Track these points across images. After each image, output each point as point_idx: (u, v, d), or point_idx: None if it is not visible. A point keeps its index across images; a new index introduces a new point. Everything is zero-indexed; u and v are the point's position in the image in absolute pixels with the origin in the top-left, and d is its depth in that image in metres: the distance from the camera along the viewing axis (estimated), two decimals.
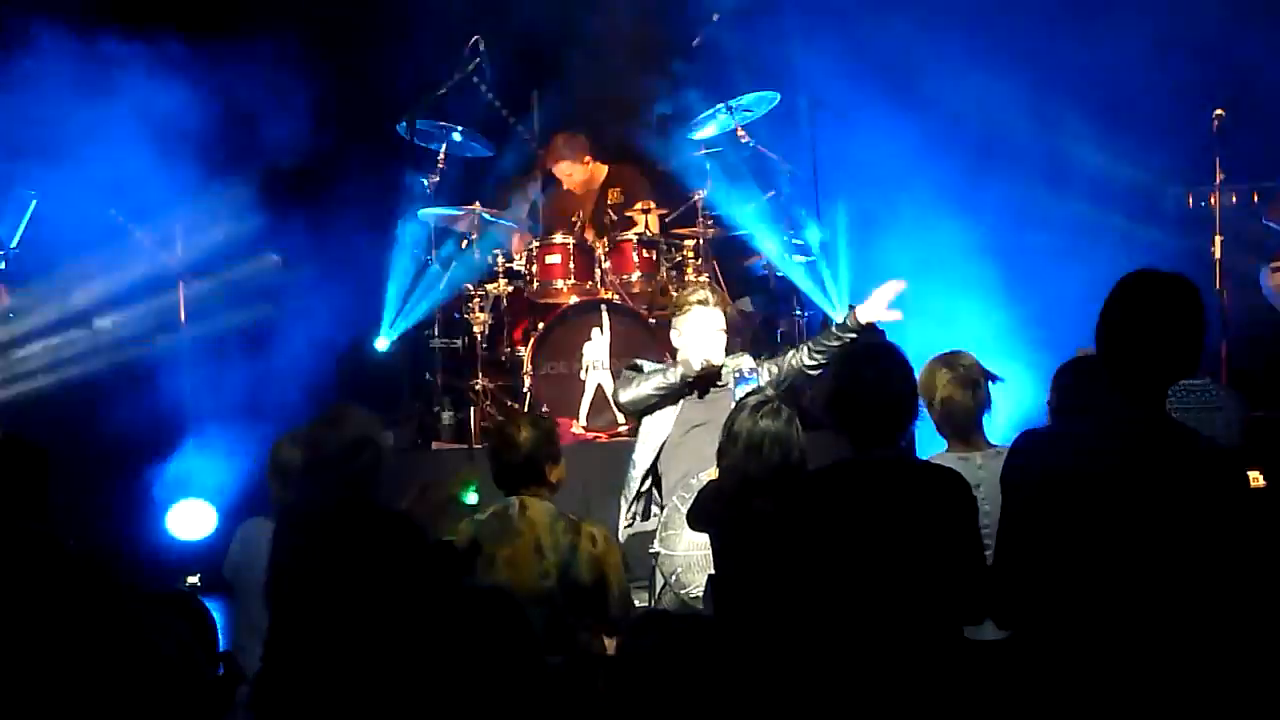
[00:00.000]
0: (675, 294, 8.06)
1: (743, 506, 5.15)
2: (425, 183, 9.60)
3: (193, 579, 8.66)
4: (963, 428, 5.44)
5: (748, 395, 5.54)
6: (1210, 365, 8.67)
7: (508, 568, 5.40)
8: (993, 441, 5.47)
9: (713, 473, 5.58)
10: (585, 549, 5.50)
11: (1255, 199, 9.33)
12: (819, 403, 4.87)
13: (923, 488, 4.46)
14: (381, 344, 9.50)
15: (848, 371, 4.66)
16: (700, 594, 6.27)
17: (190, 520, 8.90)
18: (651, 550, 7.37)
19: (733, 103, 9.75)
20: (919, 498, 4.42)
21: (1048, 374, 5.26)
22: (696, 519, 5.60)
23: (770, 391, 5.66)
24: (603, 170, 10.22)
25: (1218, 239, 9.23)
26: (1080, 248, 9.46)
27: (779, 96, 9.82)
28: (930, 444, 5.63)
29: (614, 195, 9.92)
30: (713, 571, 5.58)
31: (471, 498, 5.74)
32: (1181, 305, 3.78)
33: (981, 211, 9.83)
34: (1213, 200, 9.35)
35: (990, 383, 5.46)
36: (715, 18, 10.08)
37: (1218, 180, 9.30)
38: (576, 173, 10.17)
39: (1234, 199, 9.31)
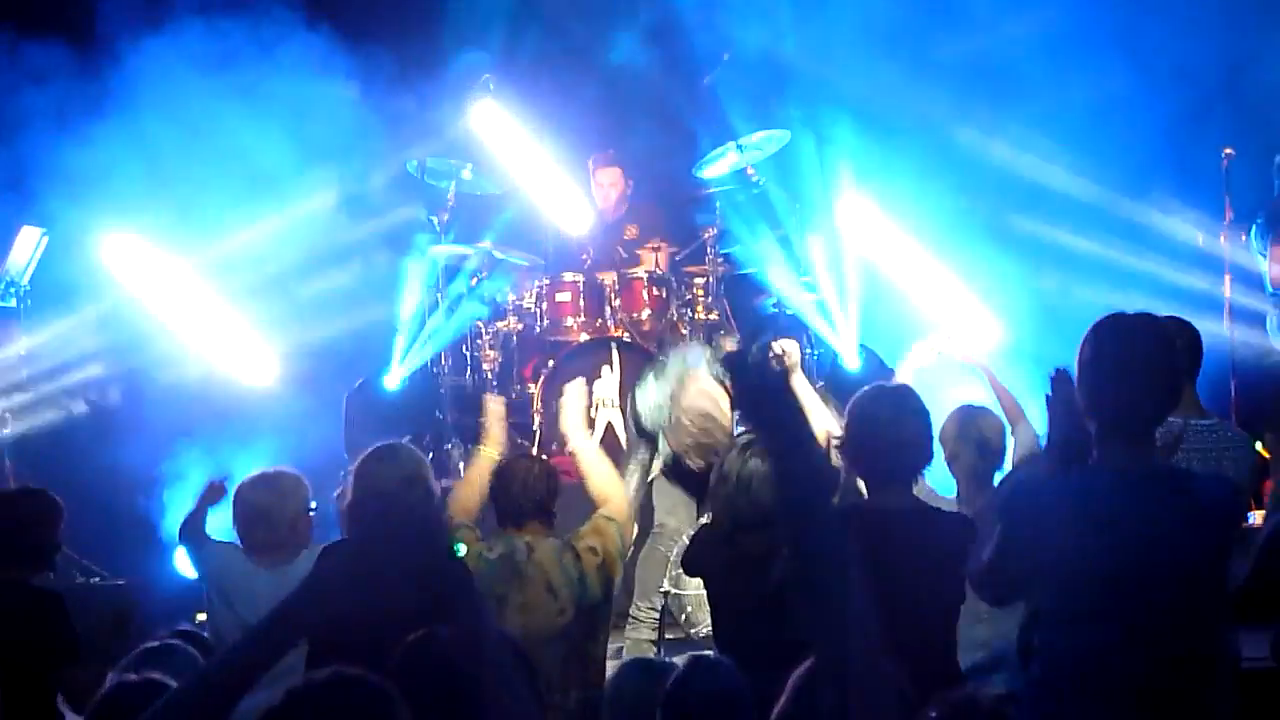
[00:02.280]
0: None
1: (734, 548, 5.13)
2: (435, 220, 9.61)
3: (202, 616, 8.63)
4: (973, 481, 5.48)
5: (740, 435, 5.55)
6: (1220, 405, 8.68)
7: (521, 613, 5.39)
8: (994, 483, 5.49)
9: None
10: (591, 565, 5.50)
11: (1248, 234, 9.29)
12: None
13: (932, 534, 4.46)
14: (392, 381, 9.50)
15: (861, 414, 4.66)
16: (709, 632, 6.26)
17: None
18: (661, 589, 7.38)
19: (742, 140, 9.79)
20: (928, 544, 4.42)
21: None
22: (689, 563, 5.60)
23: None
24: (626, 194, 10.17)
25: (1226, 278, 9.23)
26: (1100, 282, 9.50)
27: (789, 134, 9.85)
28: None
29: (631, 232, 9.91)
30: None
31: (461, 549, 5.73)
32: (1150, 345, 3.80)
33: (996, 246, 9.86)
34: (1222, 239, 9.36)
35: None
36: (725, 57, 10.10)
37: (1227, 219, 9.31)
38: (611, 193, 10.12)
39: (1244, 238, 9.30)
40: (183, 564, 8.87)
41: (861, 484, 4.83)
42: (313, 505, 5.82)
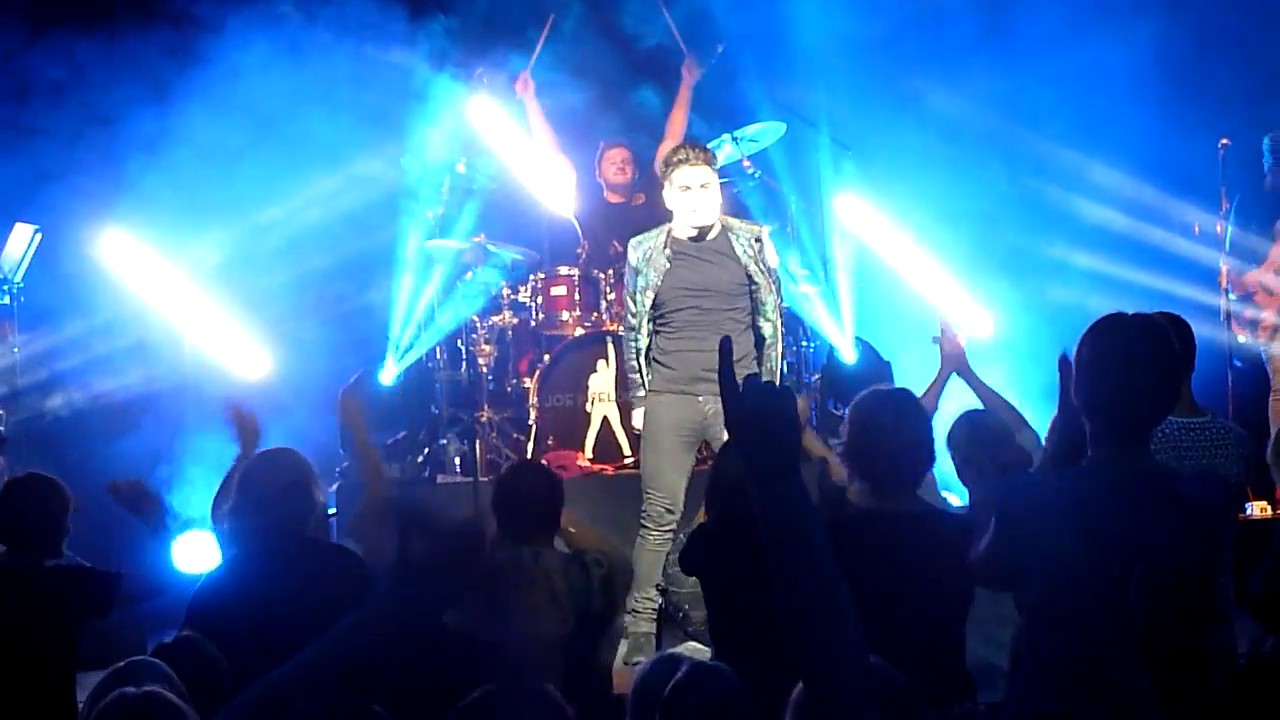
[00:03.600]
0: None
1: (730, 548, 5.12)
2: (429, 214, 9.60)
3: None
4: (982, 485, 5.47)
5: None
6: (1216, 399, 8.68)
7: (522, 618, 5.38)
8: None
9: None
10: (596, 577, 5.49)
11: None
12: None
13: (938, 537, 4.44)
14: (387, 376, 9.50)
15: (862, 418, 4.65)
16: (705, 629, 6.26)
17: (195, 553, 8.86)
18: (659, 585, 7.36)
19: (738, 133, 9.77)
20: (934, 547, 4.40)
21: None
22: (686, 562, 5.58)
23: None
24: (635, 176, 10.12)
25: (1223, 269, 9.22)
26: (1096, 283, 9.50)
27: (785, 126, 9.84)
28: None
29: (639, 199, 9.86)
30: None
31: None
32: (1150, 346, 3.79)
33: (992, 233, 9.86)
34: (1218, 228, 9.34)
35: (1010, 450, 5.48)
36: (719, 48, 10.08)
37: (1223, 208, 9.30)
38: (626, 169, 9.99)
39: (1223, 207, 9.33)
40: (182, 558, 8.90)
41: (851, 487, 4.82)
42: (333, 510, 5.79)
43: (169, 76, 9.41)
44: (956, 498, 6.22)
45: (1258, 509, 8.37)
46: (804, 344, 9.72)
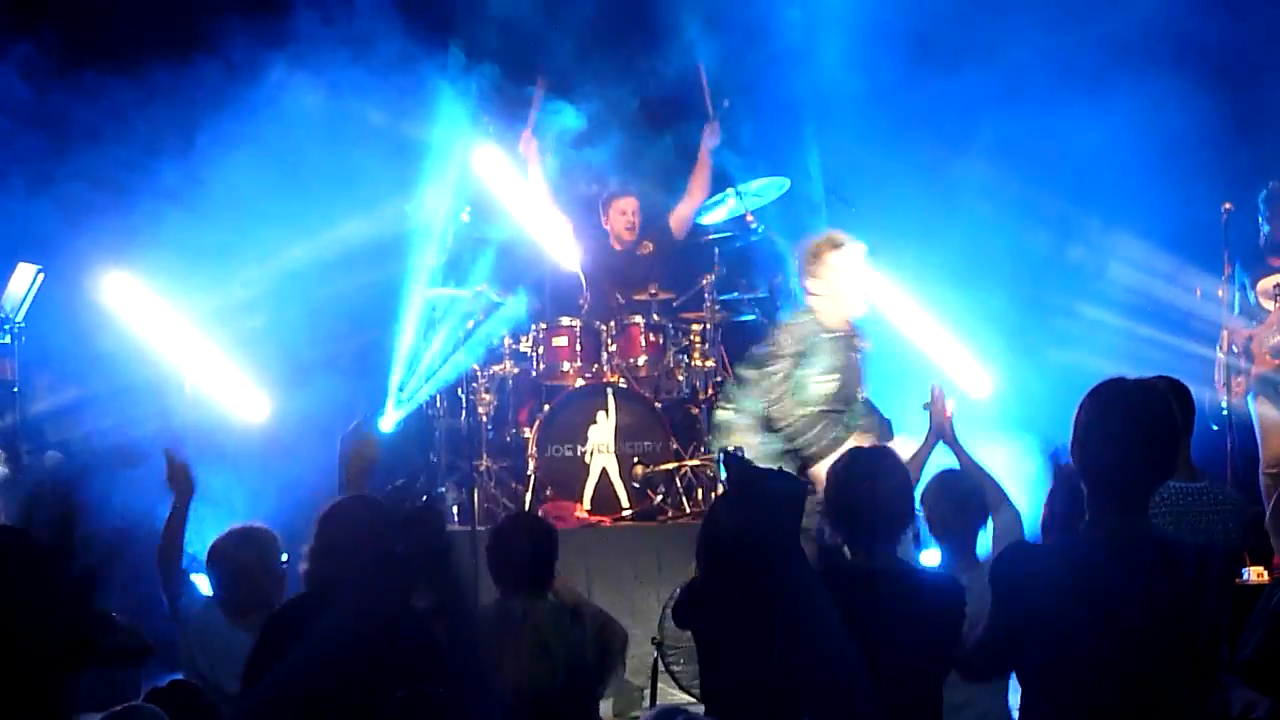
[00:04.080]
0: (805, 249, 7.80)
1: (722, 603, 5.10)
2: (433, 261, 9.61)
3: None
4: (954, 542, 5.47)
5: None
6: (1216, 464, 8.68)
7: (513, 668, 5.36)
8: (980, 556, 5.47)
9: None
10: (590, 632, 5.47)
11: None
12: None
13: (917, 595, 4.43)
14: (387, 424, 9.49)
15: (840, 475, 4.66)
16: (698, 682, 6.24)
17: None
18: (654, 639, 7.35)
19: (741, 187, 9.81)
20: (912, 605, 4.39)
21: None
22: (679, 615, 5.57)
23: None
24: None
25: (1224, 333, 9.22)
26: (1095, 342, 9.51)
27: (789, 182, 9.87)
28: None
29: (646, 247, 9.88)
30: None
31: None
32: (1149, 412, 3.79)
33: (994, 293, 9.88)
34: (1220, 292, 9.35)
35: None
36: (726, 104, 10.13)
37: (1226, 273, 9.31)
38: (634, 220, 10.03)
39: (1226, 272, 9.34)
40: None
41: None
42: (284, 558, 5.78)
43: (177, 121, 9.44)
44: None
45: (1254, 574, 8.34)
46: None
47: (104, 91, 9.26)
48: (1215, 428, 9.08)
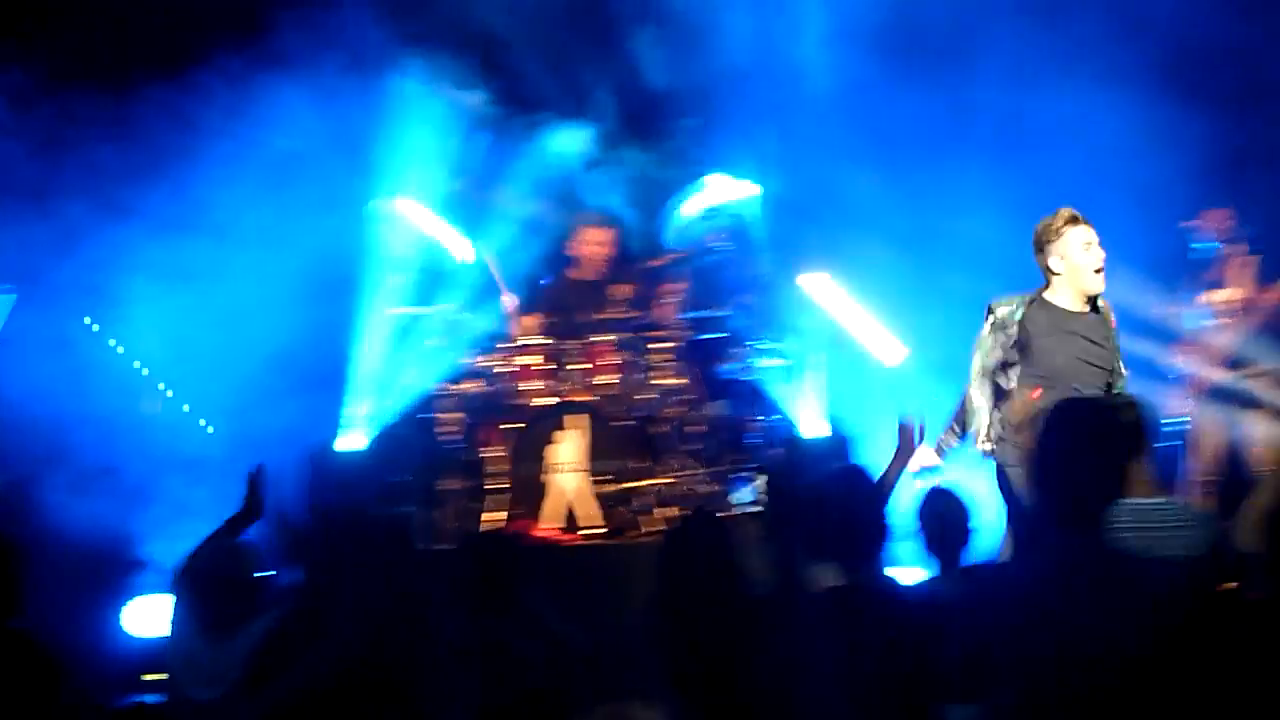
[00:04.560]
0: (1040, 227, 7.30)
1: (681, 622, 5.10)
2: (394, 281, 9.59)
3: (150, 677, 8.51)
4: (941, 560, 5.50)
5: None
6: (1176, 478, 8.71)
7: (477, 687, 5.34)
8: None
9: None
10: (555, 652, 5.45)
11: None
12: None
13: (895, 613, 4.43)
14: (351, 443, 9.46)
15: (814, 495, 4.66)
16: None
17: (146, 618, 8.77)
18: (620, 657, 7.31)
19: (709, 206, 9.81)
20: (891, 624, 4.39)
21: None
22: (642, 634, 5.56)
23: None
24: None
25: (1178, 346, 9.26)
26: None
27: (759, 201, 9.88)
28: None
29: (623, 291, 9.83)
30: None
31: None
32: (1103, 429, 3.80)
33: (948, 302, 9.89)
34: (1171, 310, 9.38)
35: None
36: (693, 122, 10.13)
37: (1178, 289, 9.33)
38: (600, 252, 9.99)
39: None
40: (132, 623, 8.81)
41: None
42: (271, 573, 5.78)
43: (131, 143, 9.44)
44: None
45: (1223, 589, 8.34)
46: (760, 419, 9.72)
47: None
48: (1175, 443, 9.11)
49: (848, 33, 9.84)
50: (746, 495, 8.23)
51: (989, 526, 5.76)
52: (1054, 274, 7.05)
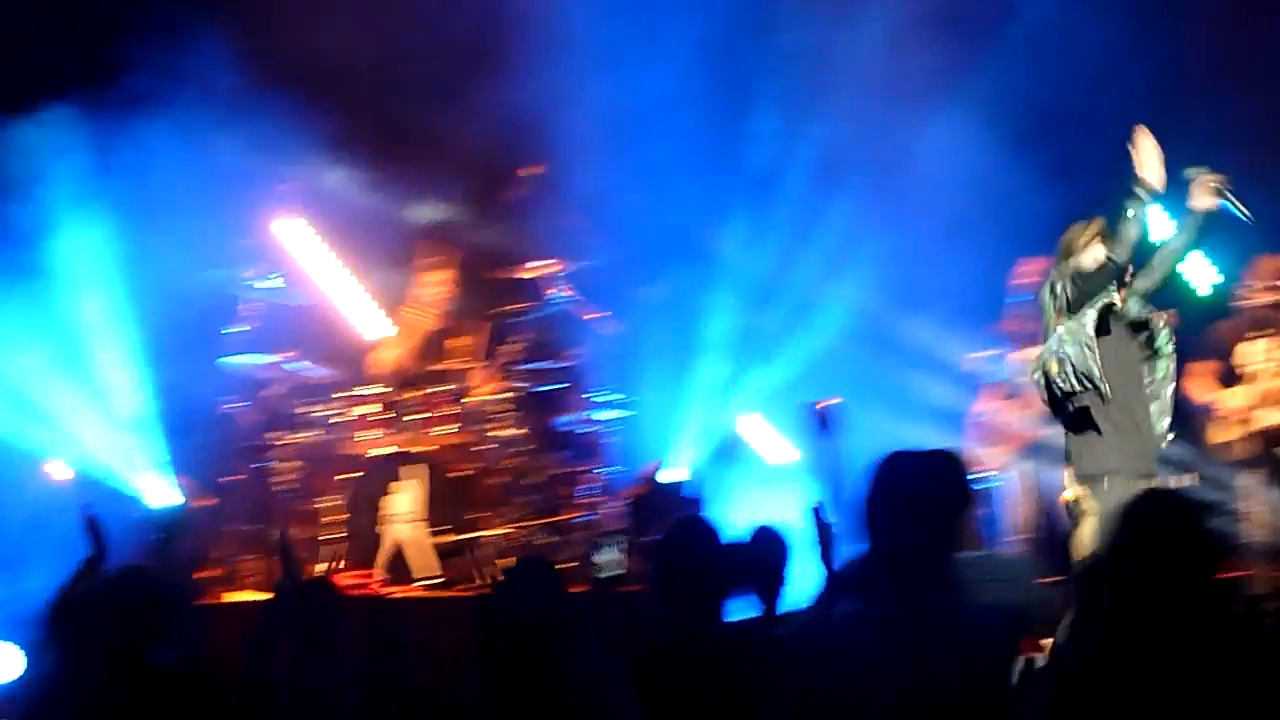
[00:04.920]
0: (1066, 239, 7.32)
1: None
2: (229, 332, 9.47)
3: None
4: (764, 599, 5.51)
5: None
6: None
7: None
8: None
9: None
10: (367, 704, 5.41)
11: None
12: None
13: (738, 662, 4.45)
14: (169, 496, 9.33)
15: (662, 543, 4.69)
16: None
17: None
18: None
19: (555, 258, 9.82)
20: (743, 668, 4.41)
21: None
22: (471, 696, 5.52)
23: None
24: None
25: (984, 397, 9.41)
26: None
27: (600, 252, 9.90)
28: None
29: (461, 344, 9.74)
30: None
31: None
32: (924, 484, 3.84)
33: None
34: (979, 356, 9.53)
35: None
36: (534, 172, 10.11)
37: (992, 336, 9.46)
38: (438, 289, 9.86)
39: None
40: None
41: None
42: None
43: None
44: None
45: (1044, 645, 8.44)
46: (596, 470, 9.71)
47: None
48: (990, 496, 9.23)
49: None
50: (609, 555, 8.19)
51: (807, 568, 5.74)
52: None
